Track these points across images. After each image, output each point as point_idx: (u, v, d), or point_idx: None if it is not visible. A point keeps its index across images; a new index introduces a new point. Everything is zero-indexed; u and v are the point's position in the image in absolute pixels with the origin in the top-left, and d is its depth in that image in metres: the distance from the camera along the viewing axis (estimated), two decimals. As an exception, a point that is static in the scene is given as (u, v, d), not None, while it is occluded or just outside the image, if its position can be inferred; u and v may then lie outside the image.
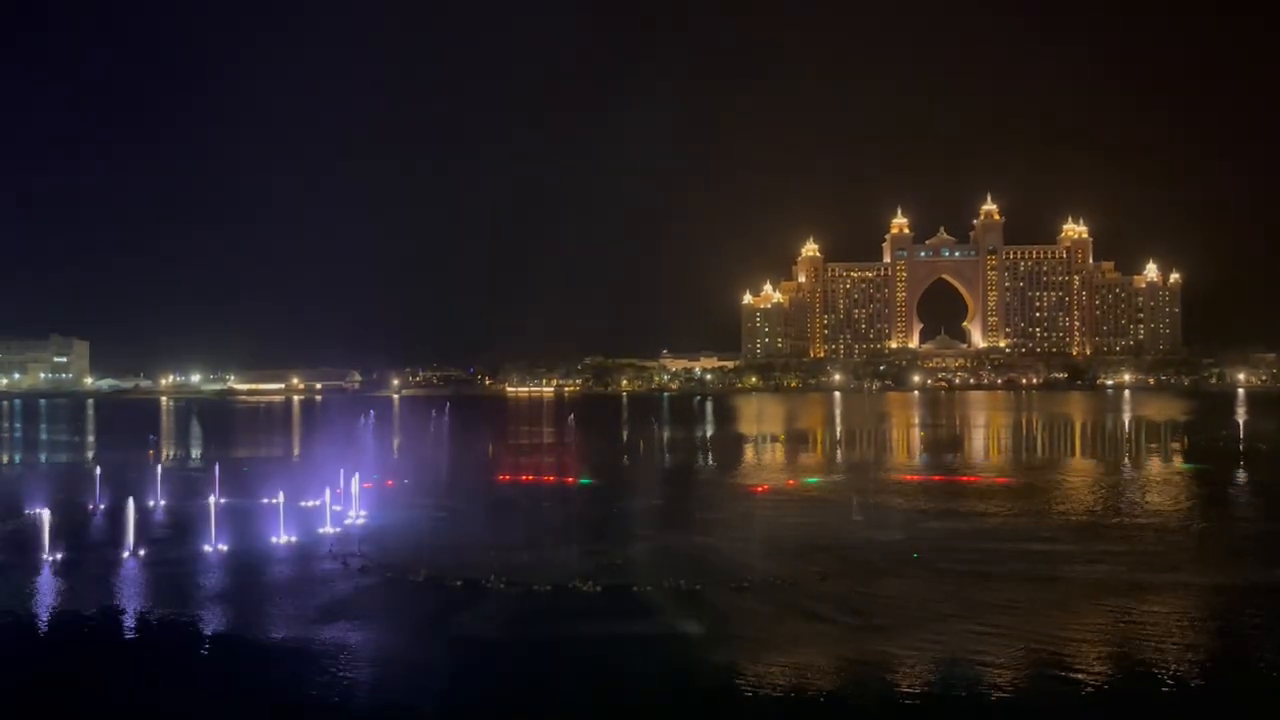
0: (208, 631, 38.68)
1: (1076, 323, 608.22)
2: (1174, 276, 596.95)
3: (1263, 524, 59.96)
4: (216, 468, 71.33)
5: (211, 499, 59.34)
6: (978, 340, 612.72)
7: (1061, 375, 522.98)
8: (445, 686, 32.25)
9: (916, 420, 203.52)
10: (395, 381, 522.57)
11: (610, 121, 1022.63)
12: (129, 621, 40.05)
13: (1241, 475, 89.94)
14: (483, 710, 30.75)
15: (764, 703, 30.34)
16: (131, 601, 43.19)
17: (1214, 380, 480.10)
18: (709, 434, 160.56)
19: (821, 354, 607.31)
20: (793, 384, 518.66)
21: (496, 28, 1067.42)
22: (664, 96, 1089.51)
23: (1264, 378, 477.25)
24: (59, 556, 50.43)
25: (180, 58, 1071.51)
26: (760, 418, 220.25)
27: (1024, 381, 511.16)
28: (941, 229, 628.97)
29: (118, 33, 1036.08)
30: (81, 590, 44.65)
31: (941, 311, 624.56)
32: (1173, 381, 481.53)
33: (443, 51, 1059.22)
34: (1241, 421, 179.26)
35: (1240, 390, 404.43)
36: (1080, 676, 32.18)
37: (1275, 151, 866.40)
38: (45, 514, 54.21)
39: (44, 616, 41.07)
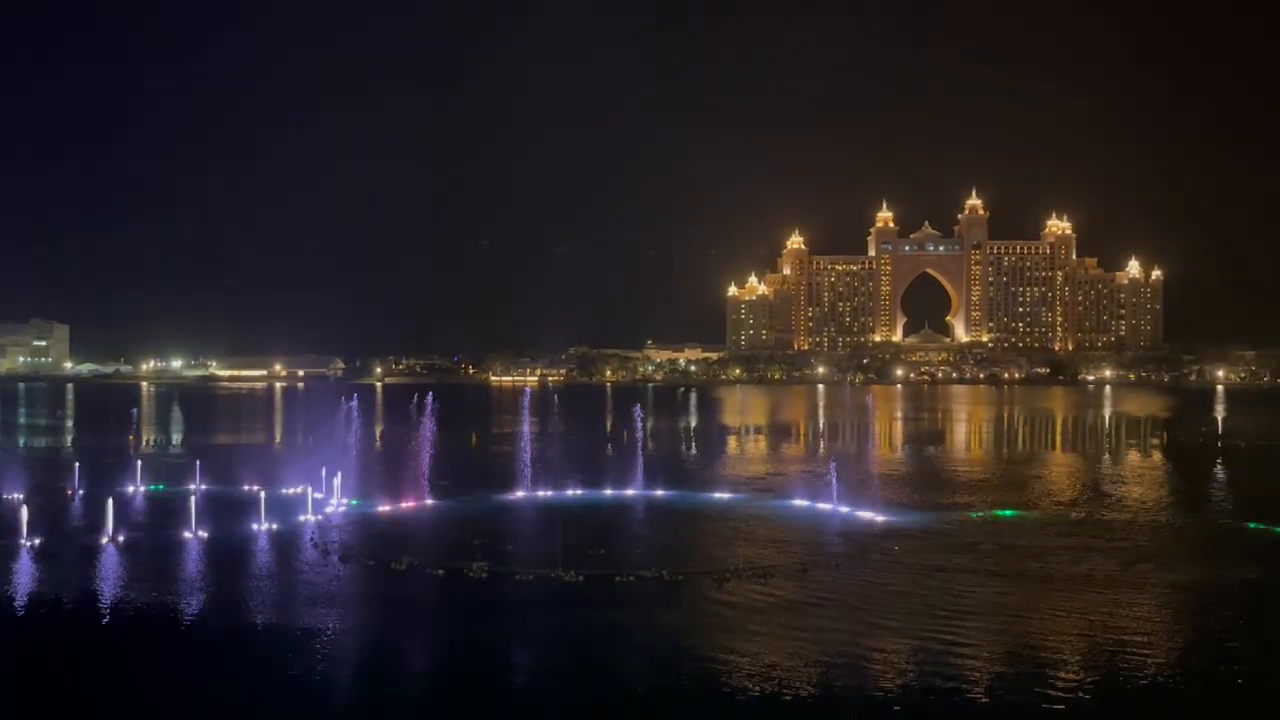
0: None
1: (1059, 318, 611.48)
2: (1156, 273, 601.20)
3: (1237, 520, 60.56)
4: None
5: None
6: (961, 335, 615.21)
7: (1043, 370, 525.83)
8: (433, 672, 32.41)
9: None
10: (378, 369, 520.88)
11: (598, 113, 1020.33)
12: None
13: (1219, 471, 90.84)
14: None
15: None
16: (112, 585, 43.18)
17: (1193, 377, 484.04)
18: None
19: (805, 346, 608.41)
20: (776, 376, 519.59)
21: (484, 26, 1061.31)
22: (652, 90, 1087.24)
23: (1243, 375, 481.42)
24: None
25: (162, 45, 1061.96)
26: (761, 411, 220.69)
27: (1006, 376, 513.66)
28: (926, 223, 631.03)
29: (97, 19, 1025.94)
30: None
31: (925, 305, 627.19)
32: (1153, 378, 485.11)
33: (432, 41, 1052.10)
34: (1220, 418, 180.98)
35: (1219, 387, 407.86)
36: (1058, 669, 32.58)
37: (1260, 149, 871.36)
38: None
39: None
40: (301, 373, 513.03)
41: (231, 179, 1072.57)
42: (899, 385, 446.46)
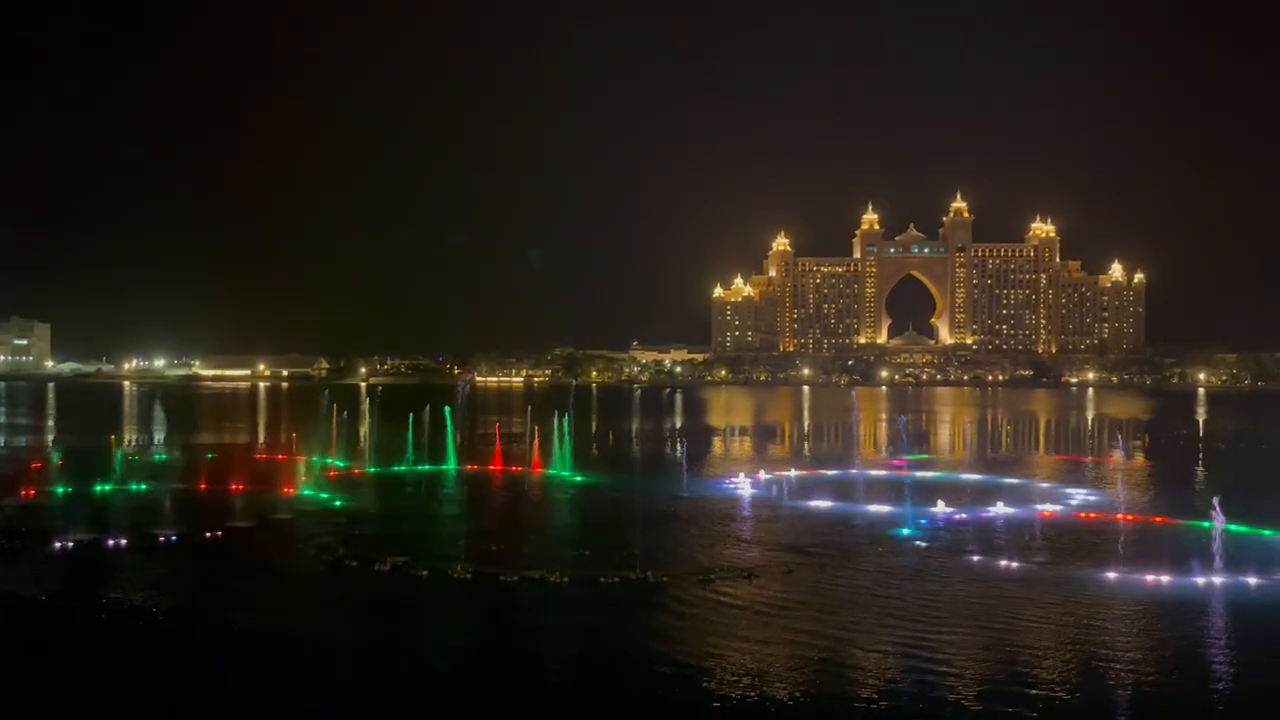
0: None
1: (1043, 321, 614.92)
2: (1138, 276, 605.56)
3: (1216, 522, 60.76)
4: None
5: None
6: (945, 337, 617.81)
7: (1027, 373, 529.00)
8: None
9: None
10: (363, 369, 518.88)
11: (585, 115, 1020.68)
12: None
13: (1199, 474, 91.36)
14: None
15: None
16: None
17: (1175, 380, 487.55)
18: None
19: (791, 348, 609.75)
20: (761, 377, 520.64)
21: (478, 29, 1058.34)
22: (639, 91, 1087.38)
23: (1224, 378, 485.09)
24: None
25: (150, 41, 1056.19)
26: (746, 412, 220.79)
27: (990, 378, 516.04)
28: (911, 226, 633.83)
29: (84, 17, 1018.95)
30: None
31: (910, 308, 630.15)
32: (1135, 380, 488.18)
33: (419, 42, 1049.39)
34: (1200, 421, 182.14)
35: (1200, 390, 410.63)
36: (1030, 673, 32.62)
37: (1241, 155, 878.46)
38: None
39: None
40: (285, 372, 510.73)
41: (217, 179, 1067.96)
42: (884, 387, 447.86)
